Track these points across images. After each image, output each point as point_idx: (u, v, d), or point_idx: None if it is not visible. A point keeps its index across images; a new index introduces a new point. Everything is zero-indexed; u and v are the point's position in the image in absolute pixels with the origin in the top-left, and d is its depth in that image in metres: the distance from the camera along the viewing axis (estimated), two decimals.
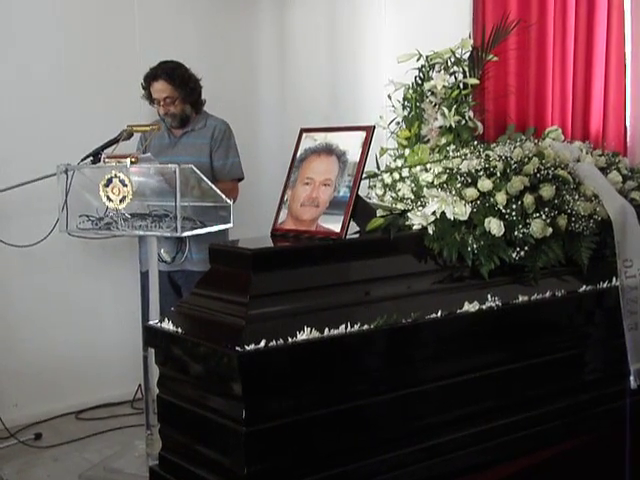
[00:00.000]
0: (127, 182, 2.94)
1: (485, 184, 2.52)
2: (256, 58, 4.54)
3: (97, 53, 3.97)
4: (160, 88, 3.56)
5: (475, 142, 2.89)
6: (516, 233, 2.48)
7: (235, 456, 2.09)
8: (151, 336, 2.38)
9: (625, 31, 3.27)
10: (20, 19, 3.78)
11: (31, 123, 3.80)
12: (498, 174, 2.56)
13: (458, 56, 3.14)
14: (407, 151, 2.94)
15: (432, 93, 3.06)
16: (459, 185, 2.54)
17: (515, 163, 2.60)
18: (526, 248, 2.49)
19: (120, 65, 4.01)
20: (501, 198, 2.50)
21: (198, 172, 3.04)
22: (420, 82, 3.12)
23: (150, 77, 3.58)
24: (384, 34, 4.04)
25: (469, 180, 2.55)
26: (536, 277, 2.54)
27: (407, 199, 2.59)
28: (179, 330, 2.25)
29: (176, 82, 3.56)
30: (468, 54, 3.19)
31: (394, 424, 2.31)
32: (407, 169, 2.74)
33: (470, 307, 2.42)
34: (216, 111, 3.76)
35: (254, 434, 2.06)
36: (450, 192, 2.51)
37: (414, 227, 2.49)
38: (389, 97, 3.16)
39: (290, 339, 2.10)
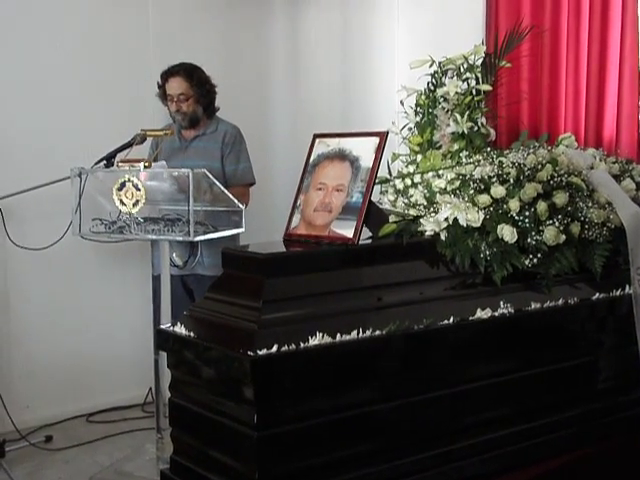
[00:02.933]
0: (140, 186, 2.96)
1: (498, 191, 2.52)
2: (268, 63, 4.55)
3: (111, 57, 3.98)
4: (176, 84, 3.59)
5: (488, 148, 2.88)
6: (529, 240, 2.48)
7: (247, 460, 2.09)
8: (163, 340, 2.39)
9: (639, 38, 3.25)
10: (33, 22, 3.80)
11: (44, 127, 3.81)
12: (511, 181, 2.56)
13: (471, 62, 3.13)
14: (419, 157, 2.94)
15: (445, 99, 3.06)
16: (472, 191, 2.53)
17: (528, 170, 2.59)
18: (539, 255, 2.48)
19: (133, 69, 4.02)
20: (514, 205, 2.49)
21: (210, 176, 3.05)
22: (433, 88, 3.12)
23: (168, 73, 3.61)
24: (397, 40, 4.05)
25: (482, 186, 2.54)
26: (549, 284, 2.53)
27: (419, 205, 2.59)
28: (191, 334, 2.25)
29: (193, 80, 3.59)
30: (481, 60, 3.18)
31: (406, 430, 2.30)
32: (419, 175, 2.74)
33: (482, 314, 2.41)
34: (228, 115, 3.77)
35: (266, 439, 2.06)
36: (463, 198, 2.51)
37: (426, 233, 2.49)
38: (401, 103, 3.16)
39: (302, 344, 2.10)
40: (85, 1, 3.92)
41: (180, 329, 2.30)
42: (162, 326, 2.47)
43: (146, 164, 3.02)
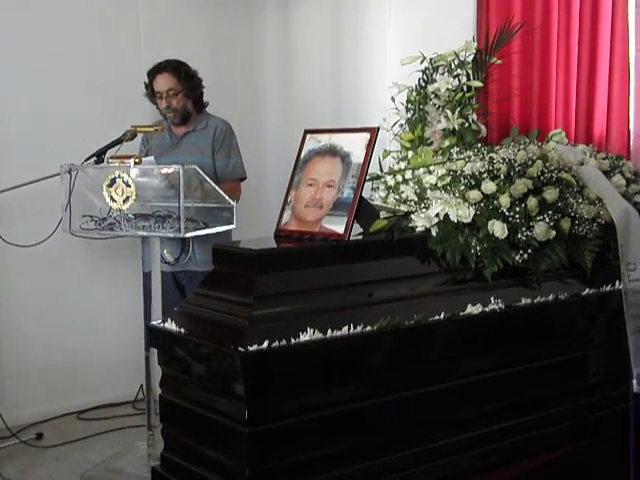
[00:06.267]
0: (130, 183, 2.95)
1: (489, 186, 2.52)
2: (260, 60, 4.55)
3: (101, 54, 3.98)
4: (164, 81, 3.58)
5: (479, 145, 2.89)
6: (519, 236, 2.48)
7: (237, 457, 2.09)
8: (154, 336, 2.38)
9: (629, 34, 3.26)
10: (24, 20, 3.78)
11: (35, 123, 3.81)
12: (502, 177, 2.56)
13: (462, 59, 3.14)
14: (410, 153, 2.94)
15: (436, 96, 3.06)
16: (462, 187, 2.53)
17: (519, 166, 2.59)
18: (529, 251, 2.49)
19: (124, 66, 4.02)
20: (505, 201, 2.49)
21: (201, 173, 3.04)
22: (424, 84, 3.12)
23: (155, 70, 3.60)
24: (388, 36, 4.04)
25: (473, 182, 2.55)
26: (539, 280, 2.54)
27: (410, 201, 2.59)
28: (182, 330, 2.25)
29: (181, 75, 3.58)
30: (472, 57, 3.19)
31: (396, 426, 2.30)
32: (410, 171, 2.74)
33: (473, 309, 2.41)
34: (220, 112, 3.77)
35: (256, 435, 2.06)
36: (453, 194, 2.51)
37: (417, 229, 2.49)
38: (392, 99, 3.16)
39: (293, 340, 2.10)
40: (78, 4, 3.91)
41: (171, 325, 2.29)
42: (153, 323, 2.46)
43: (136, 160, 3.02)
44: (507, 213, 2.48)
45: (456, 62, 3.13)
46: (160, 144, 3.67)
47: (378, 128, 2.46)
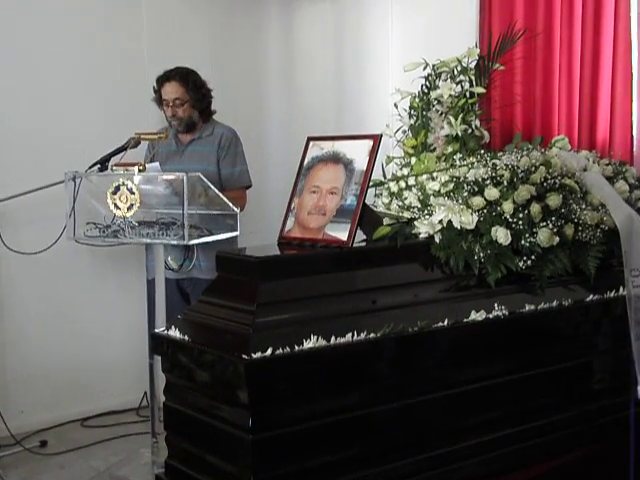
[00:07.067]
0: (135, 190, 2.96)
1: (492, 193, 2.52)
2: (263, 66, 4.56)
3: (105, 61, 3.99)
4: (172, 89, 3.58)
5: (482, 151, 2.89)
6: (523, 242, 2.48)
7: (241, 464, 2.09)
8: (158, 344, 2.39)
9: (632, 40, 3.26)
10: (27, 25, 3.80)
11: (39, 130, 3.82)
12: (505, 183, 2.56)
13: (464, 65, 3.15)
14: (413, 160, 2.94)
15: (438, 102, 3.07)
16: (466, 194, 2.54)
17: (522, 172, 2.60)
18: (533, 257, 2.49)
19: (128, 73, 4.03)
20: (508, 207, 2.49)
21: (205, 180, 3.05)
22: (426, 91, 3.13)
23: (163, 78, 3.60)
24: (391, 43, 4.05)
25: (476, 189, 2.55)
26: (543, 286, 2.54)
27: (414, 207, 2.59)
28: (186, 338, 2.25)
29: (189, 85, 3.58)
30: (474, 63, 3.20)
31: (400, 433, 2.30)
32: (413, 177, 2.75)
33: (477, 316, 2.41)
34: (223, 119, 3.77)
35: (260, 442, 2.06)
36: (457, 201, 2.51)
37: (421, 235, 2.49)
38: (395, 106, 3.17)
39: (297, 347, 2.10)
40: (79, 5, 3.92)
41: (174, 333, 2.29)
42: (156, 330, 2.46)
43: (140, 167, 3.03)
44: (510, 219, 2.48)
45: (459, 68, 3.14)
46: (166, 150, 3.68)
47: (381, 135, 2.46)
